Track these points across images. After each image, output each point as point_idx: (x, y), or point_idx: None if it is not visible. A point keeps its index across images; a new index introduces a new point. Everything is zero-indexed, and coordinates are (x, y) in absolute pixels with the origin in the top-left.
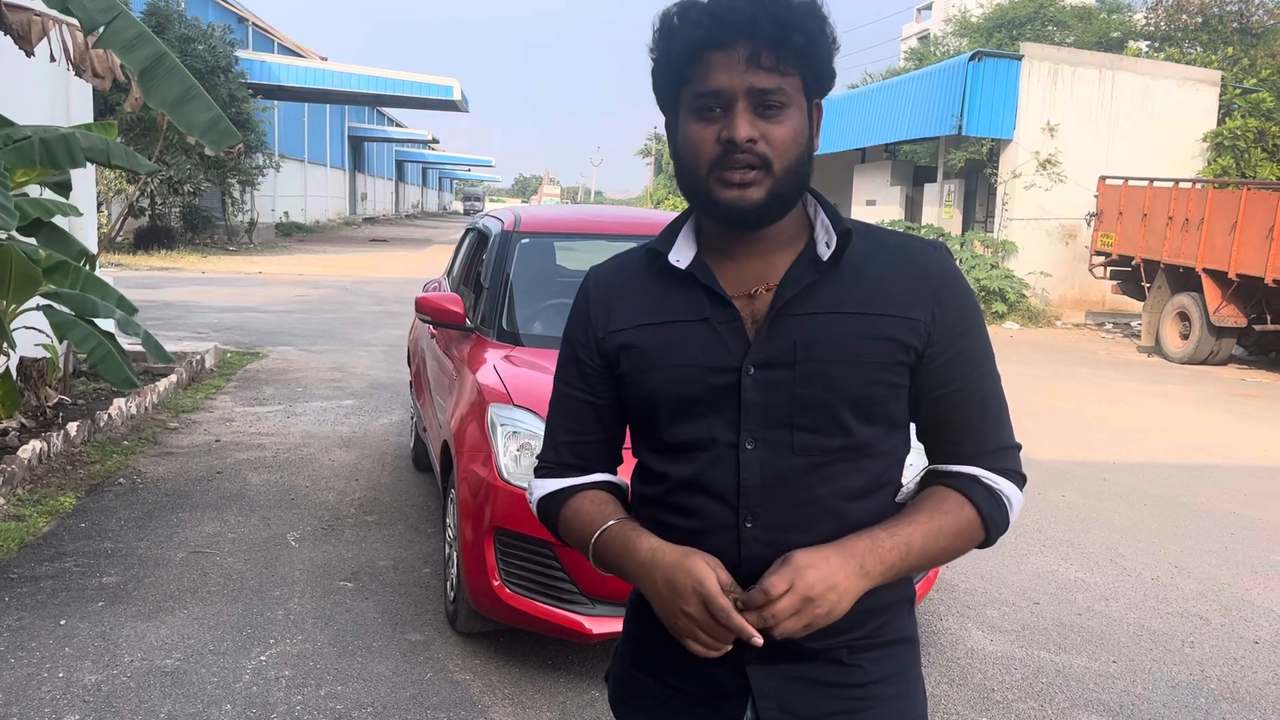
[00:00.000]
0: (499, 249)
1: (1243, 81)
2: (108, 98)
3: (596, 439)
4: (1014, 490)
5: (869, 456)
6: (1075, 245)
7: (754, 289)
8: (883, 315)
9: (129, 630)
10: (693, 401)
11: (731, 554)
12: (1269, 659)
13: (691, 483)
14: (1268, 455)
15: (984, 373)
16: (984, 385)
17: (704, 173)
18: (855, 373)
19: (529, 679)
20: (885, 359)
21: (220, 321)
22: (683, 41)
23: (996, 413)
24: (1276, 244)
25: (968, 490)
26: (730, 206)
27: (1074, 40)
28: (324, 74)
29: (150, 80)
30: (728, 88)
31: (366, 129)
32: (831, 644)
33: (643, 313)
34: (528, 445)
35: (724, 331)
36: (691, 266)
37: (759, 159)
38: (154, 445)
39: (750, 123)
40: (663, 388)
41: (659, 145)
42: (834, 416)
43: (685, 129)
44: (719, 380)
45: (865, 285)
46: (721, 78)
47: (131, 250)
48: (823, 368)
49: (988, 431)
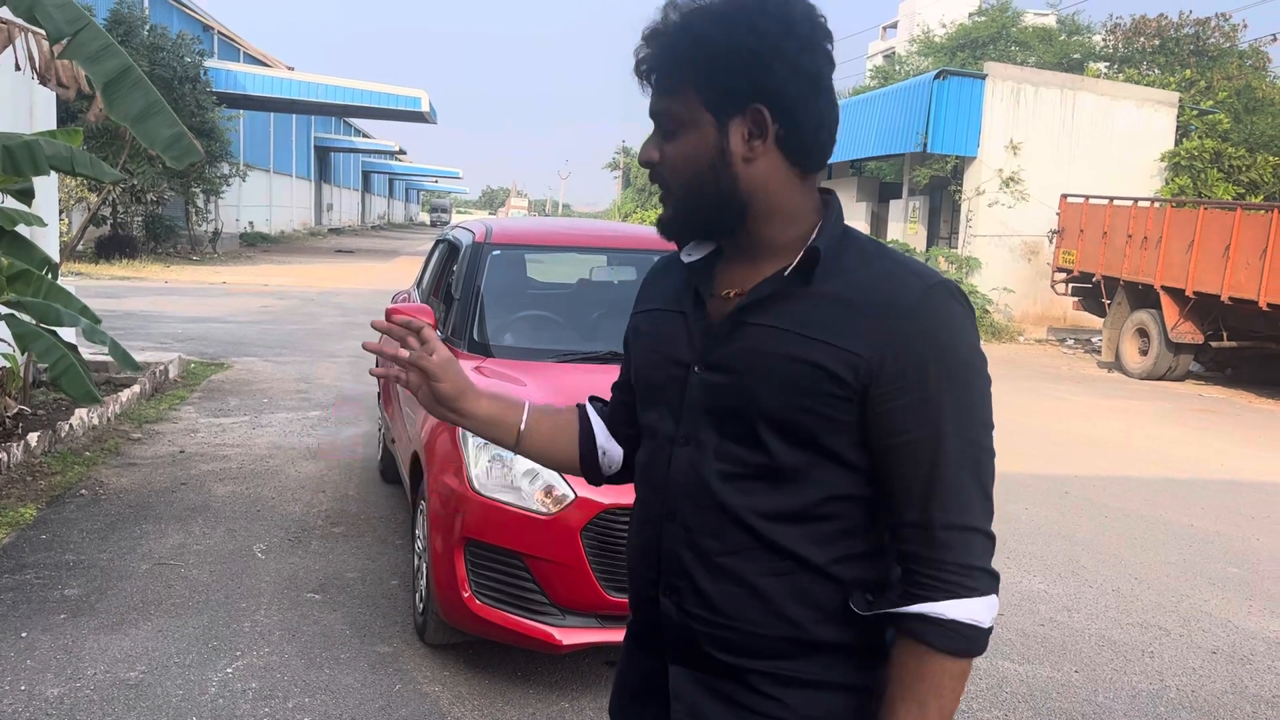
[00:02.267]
0: (470, 260)
1: (1200, 103)
2: (70, 106)
3: (623, 401)
4: (970, 609)
5: (793, 482)
6: (1038, 262)
7: (727, 291)
8: (815, 340)
9: (92, 643)
10: (656, 389)
11: (654, 546)
12: (1226, 669)
13: (642, 470)
14: (1224, 469)
15: (946, 434)
16: (942, 447)
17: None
18: (777, 392)
19: (498, 690)
20: (809, 384)
21: (184, 332)
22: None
23: (954, 485)
24: (1232, 262)
25: (922, 637)
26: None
27: (1036, 61)
28: (290, 83)
29: (114, 93)
30: (650, 112)
31: (333, 139)
32: (743, 664)
33: (655, 299)
34: (499, 456)
35: (693, 328)
36: (693, 262)
37: (661, 179)
38: (116, 456)
39: (652, 146)
40: (640, 369)
41: (627, 159)
42: (753, 431)
43: None
44: (676, 373)
45: (820, 307)
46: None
47: (93, 259)
48: (747, 379)
49: (936, 501)
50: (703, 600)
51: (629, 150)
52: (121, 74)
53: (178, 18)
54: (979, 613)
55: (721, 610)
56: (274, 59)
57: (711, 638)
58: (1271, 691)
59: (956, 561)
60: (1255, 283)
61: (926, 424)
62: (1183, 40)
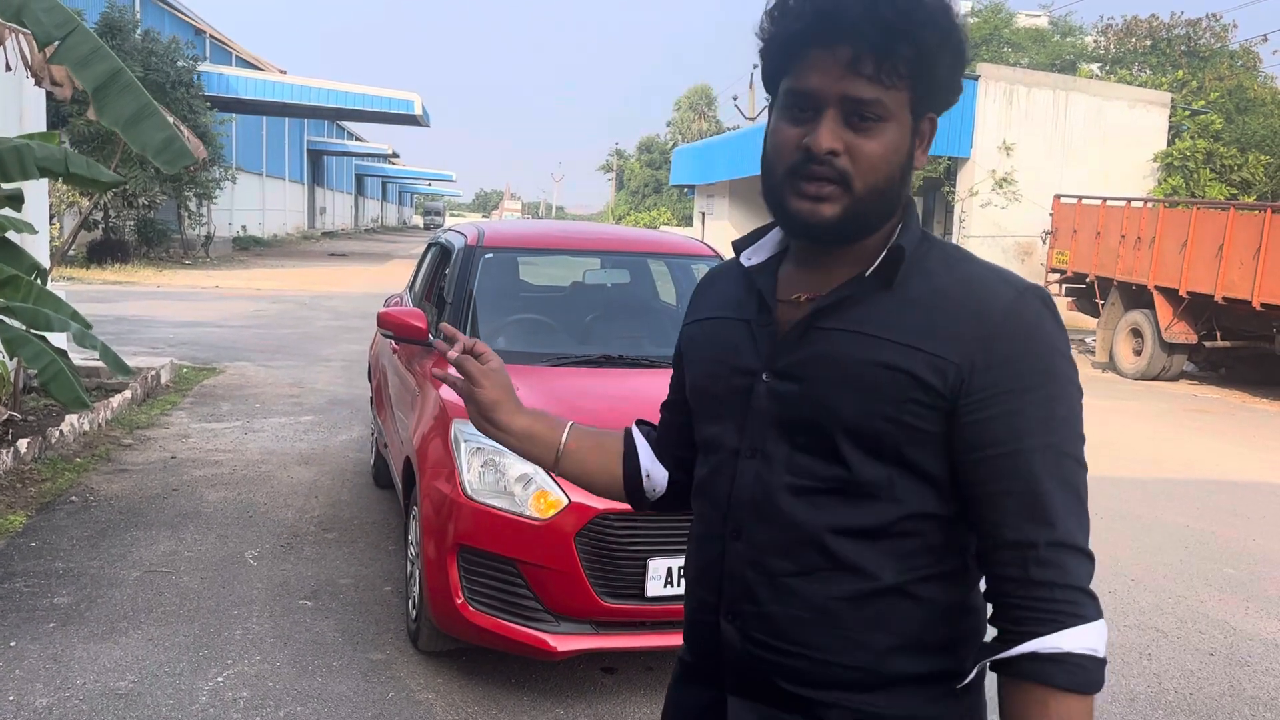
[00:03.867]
0: (462, 264)
1: (1191, 103)
2: (62, 108)
3: (672, 421)
4: (1085, 639)
5: (872, 498)
6: (1031, 262)
7: (797, 296)
8: (902, 344)
9: (81, 652)
10: (716, 400)
11: (716, 566)
12: (1224, 671)
13: (701, 485)
14: (1220, 470)
15: (1041, 447)
16: (1039, 461)
17: (780, 176)
18: (855, 399)
19: (493, 698)
20: (893, 392)
21: (176, 336)
22: (784, 31)
23: (1052, 501)
24: (1226, 262)
25: (1035, 676)
26: (798, 218)
27: (1028, 62)
28: (283, 87)
29: (104, 97)
30: (819, 90)
31: (326, 142)
32: (813, 696)
33: (711, 307)
34: (491, 461)
35: (759, 335)
36: (755, 267)
37: (838, 173)
38: (107, 462)
39: (835, 133)
40: (697, 381)
41: (620, 161)
42: (829, 442)
43: (774, 125)
44: (740, 382)
45: (904, 311)
46: (815, 79)
47: (85, 264)
48: (822, 387)
49: (1035, 519)
50: (769, 625)
51: (622, 153)
52: (111, 78)
53: (170, 21)
54: (1094, 640)
55: (790, 636)
56: (266, 62)
57: (778, 667)
58: (1269, 693)
59: (1063, 583)
60: (1249, 282)
61: (1021, 436)
62: (1174, 41)
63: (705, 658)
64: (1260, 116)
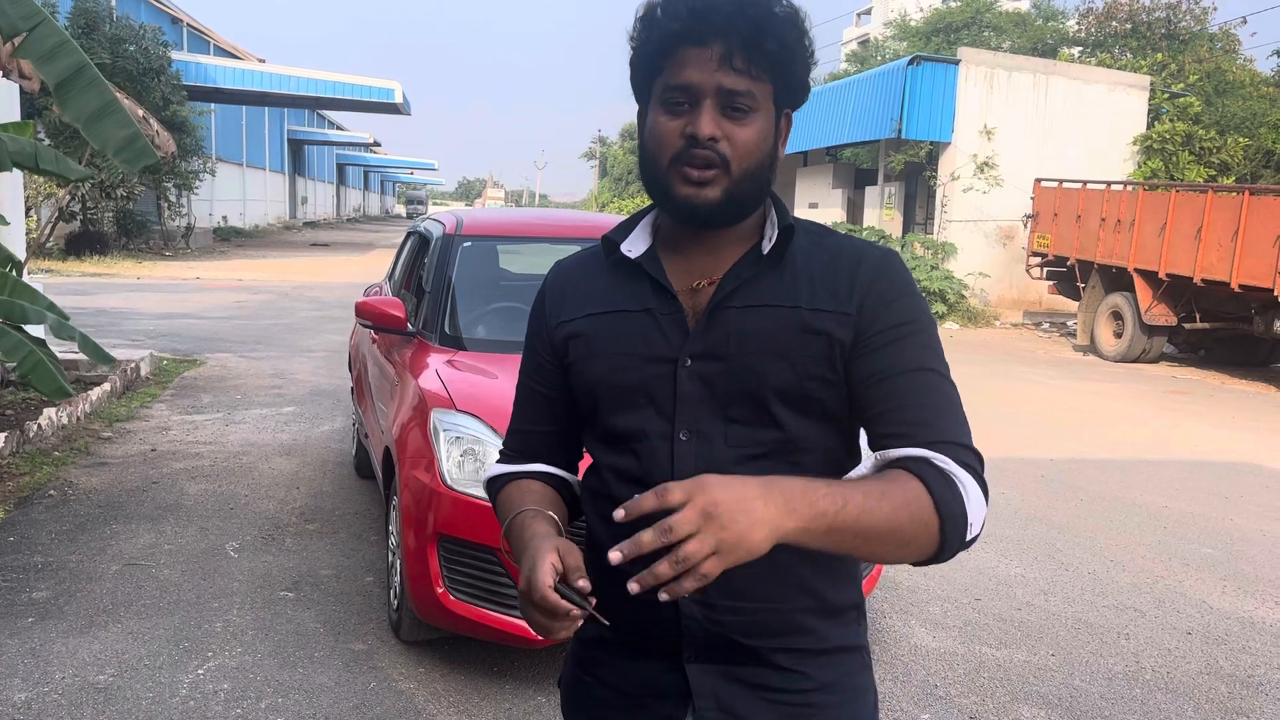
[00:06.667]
0: (441, 252)
1: (1171, 86)
2: (35, 101)
3: (547, 430)
4: (971, 481)
5: (804, 451)
6: (1013, 246)
7: (697, 282)
8: (810, 309)
9: (60, 646)
10: (630, 391)
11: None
12: (1200, 650)
13: (628, 474)
14: (1198, 450)
15: (925, 369)
16: (925, 380)
17: (664, 165)
18: (784, 365)
19: (474, 686)
20: (816, 351)
21: (156, 328)
22: (660, 32)
23: (945, 410)
24: (1204, 244)
25: (914, 469)
26: (685, 202)
27: (1010, 46)
28: (262, 76)
29: (67, 93)
30: (697, 84)
31: (306, 132)
32: (767, 645)
33: (592, 302)
34: (471, 450)
35: (665, 323)
36: (642, 258)
37: (719, 158)
38: (86, 455)
39: (715, 121)
40: (602, 376)
41: (603, 149)
42: (765, 409)
43: (653, 120)
44: (656, 370)
45: (803, 281)
46: (692, 73)
47: (62, 256)
48: (754, 360)
49: (930, 423)
50: (730, 589)
51: (605, 140)
52: (75, 73)
53: (145, 10)
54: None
55: (748, 594)
56: (245, 51)
57: (738, 625)
58: (1246, 671)
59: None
60: (1227, 264)
61: (907, 359)
62: (1154, 24)
63: (652, 635)
64: (1239, 99)
